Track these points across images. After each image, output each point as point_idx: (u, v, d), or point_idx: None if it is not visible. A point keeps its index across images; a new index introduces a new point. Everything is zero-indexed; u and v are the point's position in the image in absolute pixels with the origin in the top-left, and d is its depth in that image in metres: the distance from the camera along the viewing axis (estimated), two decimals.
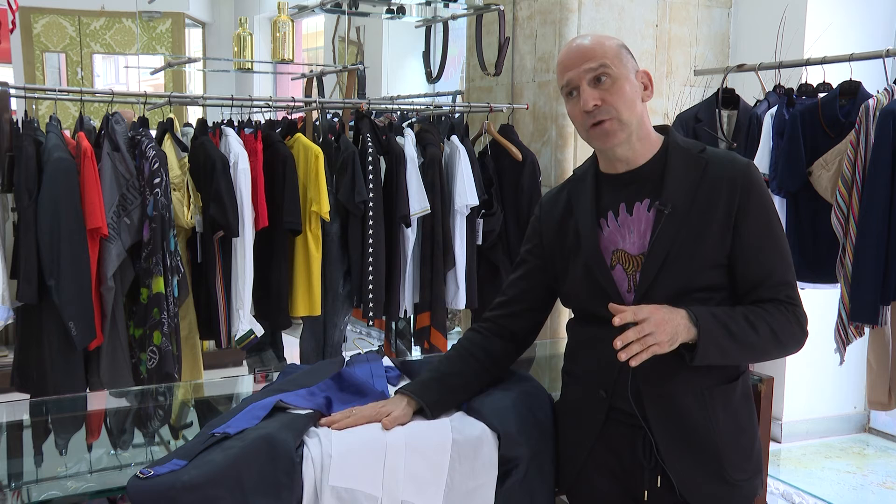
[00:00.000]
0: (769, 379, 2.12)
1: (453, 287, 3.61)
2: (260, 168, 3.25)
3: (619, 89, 1.59)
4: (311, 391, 1.79)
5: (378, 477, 1.56)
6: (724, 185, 1.59)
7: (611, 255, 1.65)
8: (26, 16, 7.48)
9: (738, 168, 1.61)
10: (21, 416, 2.20)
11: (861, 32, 3.89)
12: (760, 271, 1.60)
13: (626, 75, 1.61)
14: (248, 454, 1.49)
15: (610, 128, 1.60)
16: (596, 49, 1.61)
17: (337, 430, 1.61)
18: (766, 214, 1.62)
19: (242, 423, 1.61)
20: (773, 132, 3.19)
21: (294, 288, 3.36)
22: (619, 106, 1.59)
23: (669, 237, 1.59)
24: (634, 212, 1.64)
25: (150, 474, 1.44)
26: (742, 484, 1.63)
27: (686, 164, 1.63)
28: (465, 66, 4.80)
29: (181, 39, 8.20)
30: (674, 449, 1.60)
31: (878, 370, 2.96)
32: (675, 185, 1.61)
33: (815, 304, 3.78)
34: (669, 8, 4.12)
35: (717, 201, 1.59)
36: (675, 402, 1.60)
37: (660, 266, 1.59)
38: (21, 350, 2.99)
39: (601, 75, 1.59)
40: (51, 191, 2.77)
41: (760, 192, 1.61)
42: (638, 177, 1.65)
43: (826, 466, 3.85)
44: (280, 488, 1.49)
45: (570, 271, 1.72)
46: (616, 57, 1.61)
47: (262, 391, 1.86)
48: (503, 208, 3.74)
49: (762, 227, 1.60)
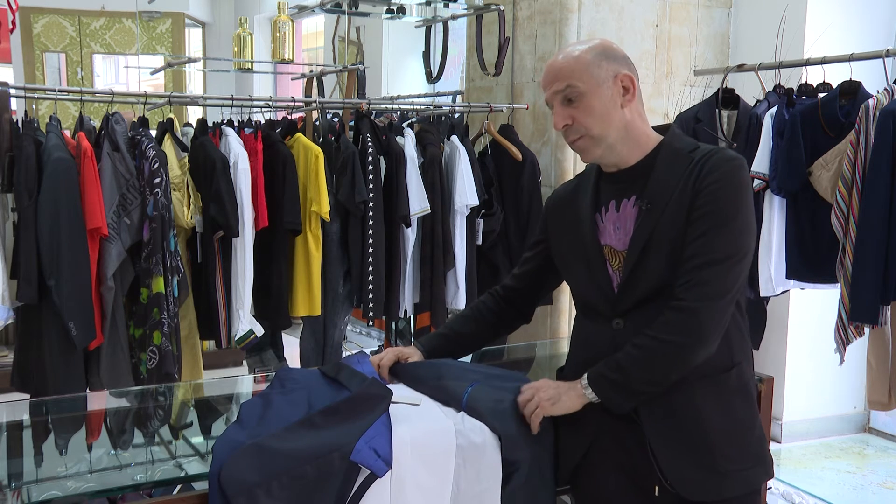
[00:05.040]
0: (769, 379, 2.12)
1: (453, 287, 3.61)
2: (260, 168, 3.25)
3: (587, 107, 1.61)
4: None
5: (385, 491, 1.57)
6: (695, 176, 1.59)
7: (603, 250, 1.69)
8: (26, 16, 7.47)
9: (713, 160, 1.59)
10: (21, 416, 2.20)
11: (861, 32, 3.89)
12: (690, 246, 1.56)
13: (594, 90, 1.61)
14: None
15: (583, 145, 1.66)
16: (563, 69, 1.63)
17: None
18: (717, 194, 1.55)
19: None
20: (773, 132, 3.19)
21: (294, 288, 3.36)
22: (588, 123, 1.62)
23: (647, 232, 1.61)
24: (622, 209, 1.67)
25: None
26: (736, 474, 1.63)
27: (673, 162, 1.63)
28: (465, 66, 4.80)
29: (181, 39, 8.20)
30: (663, 441, 1.61)
31: (878, 370, 2.96)
32: (658, 182, 1.62)
33: (815, 304, 3.83)
34: (669, 8, 4.12)
35: (688, 193, 1.59)
36: (665, 395, 1.61)
37: (638, 261, 1.61)
38: (21, 350, 2.99)
39: (570, 95, 1.62)
40: (51, 191, 2.77)
41: (724, 176, 1.56)
42: (628, 175, 1.68)
43: (826, 466, 3.85)
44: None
45: (570, 263, 1.78)
46: (586, 72, 1.61)
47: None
48: (503, 208, 3.74)
49: (708, 205, 1.55)
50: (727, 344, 1.63)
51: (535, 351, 2.75)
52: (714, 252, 1.55)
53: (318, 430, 1.61)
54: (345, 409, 1.68)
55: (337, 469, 1.53)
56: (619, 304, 1.65)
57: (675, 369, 1.58)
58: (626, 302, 1.64)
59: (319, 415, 1.66)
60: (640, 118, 1.68)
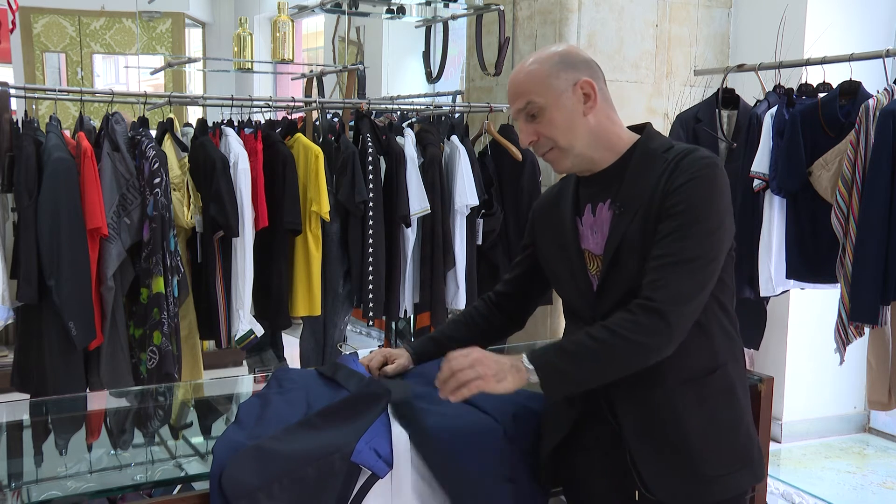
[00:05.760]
0: (769, 379, 2.11)
1: (453, 287, 3.61)
2: (260, 168, 3.25)
3: (549, 121, 1.60)
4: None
5: (387, 490, 1.58)
6: (667, 177, 1.56)
7: (584, 254, 1.69)
8: (26, 16, 7.48)
9: (685, 160, 1.56)
10: (21, 416, 2.20)
11: (861, 32, 3.89)
12: (655, 247, 1.53)
13: (554, 102, 1.59)
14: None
15: (552, 157, 1.65)
16: (521, 84, 1.62)
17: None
18: (687, 193, 1.52)
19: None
20: (773, 132, 3.19)
21: (294, 288, 3.36)
22: (554, 135, 1.61)
23: (620, 235, 1.59)
24: (597, 212, 1.66)
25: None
26: (719, 479, 1.59)
27: (647, 163, 1.61)
28: (465, 66, 4.80)
29: (181, 39, 8.20)
30: (642, 445, 1.59)
31: (878, 370, 2.96)
32: (631, 185, 1.61)
33: (815, 304, 3.83)
34: (669, 8, 4.12)
35: (659, 194, 1.56)
36: (643, 398, 1.59)
37: (612, 264, 1.60)
38: (21, 350, 2.99)
39: (531, 111, 1.61)
40: (51, 191, 2.77)
41: (695, 178, 1.52)
42: (603, 178, 1.66)
43: (826, 466, 3.85)
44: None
45: (555, 268, 1.77)
46: (542, 85, 1.59)
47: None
48: (503, 208, 3.74)
49: (677, 206, 1.52)
50: (710, 346, 1.60)
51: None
52: (683, 252, 1.50)
53: (318, 432, 1.61)
54: (344, 410, 1.68)
55: (337, 470, 1.53)
56: (598, 308, 1.63)
57: (628, 369, 1.52)
58: (605, 305, 1.62)
59: (318, 416, 1.66)
60: (610, 120, 1.65)
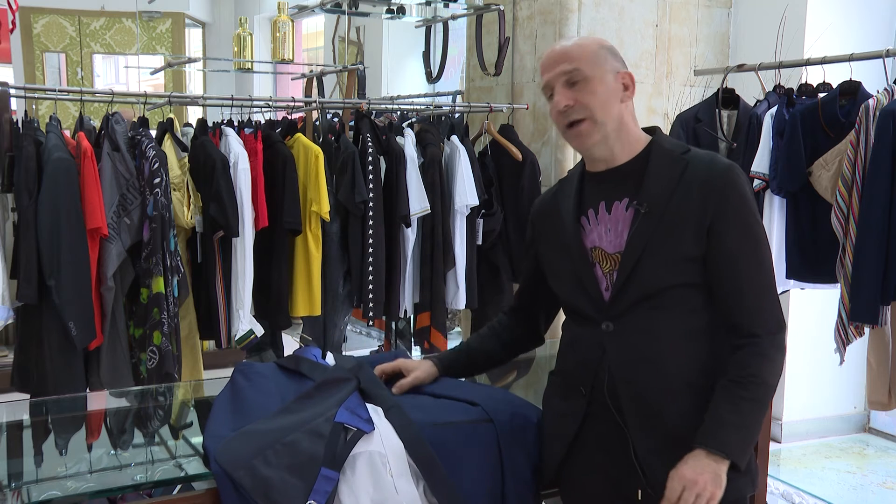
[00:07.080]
0: None
1: (453, 287, 3.61)
2: (260, 168, 3.25)
3: (591, 90, 1.61)
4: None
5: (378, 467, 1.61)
6: (701, 187, 1.59)
7: (590, 253, 1.68)
8: (26, 16, 7.47)
9: (717, 170, 1.60)
10: (21, 416, 2.20)
11: (861, 32, 3.89)
12: (737, 279, 1.59)
13: (600, 77, 1.62)
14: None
15: (584, 129, 1.63)
16: (572, 52, 1.63)
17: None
18: (745, 218, 1.60)
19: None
20: (773, 132, 3.19)
21: (294, 288, 3.36)
22: (593, 106, 1.61)
23: (645, 236, 1.60)
24: (613, 210, 1.66)
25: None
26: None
27: (666, 164, 1.63)
28: (465, 66, 4.80)
29: (181, 39, 8.20)
30: (649, 447, 1.60)
31: (878, 370, 2.96)
32: (654, 185, 1.62)
33: (815, 304, 3.82)
34: (669, 8, 4.12)
35: (692, 202, 1.59)
36: (650, 400, 1.60)
37: (635, 264, 1.60)
38: (21, 350, 2.99)
39: (575, 77, 1.62)
40: (51, 191, 2.77)
41: (740, 195, 1.60)
42: (618, 175, 1.67)
43: (826, 466, 3.85)
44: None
45: (557, 268, 1.76)
46: (592, 58, 1.62)
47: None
48: (503, 208, 3.74)
49: (740, 232, 1.59)
50: (714, 350, 1.62)
51: (535, 351, 2.74)
52: (766, 277, 1.62)
53: (298, 412, 1.70)
54: (318, 394, 1.78)
55: (324, 431, 1.62)
56: (611, 308, 1.63)
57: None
58: (620, 305, 1.62)
59: (295, 402, 1.76)
60: (633, 119, 1.69)
